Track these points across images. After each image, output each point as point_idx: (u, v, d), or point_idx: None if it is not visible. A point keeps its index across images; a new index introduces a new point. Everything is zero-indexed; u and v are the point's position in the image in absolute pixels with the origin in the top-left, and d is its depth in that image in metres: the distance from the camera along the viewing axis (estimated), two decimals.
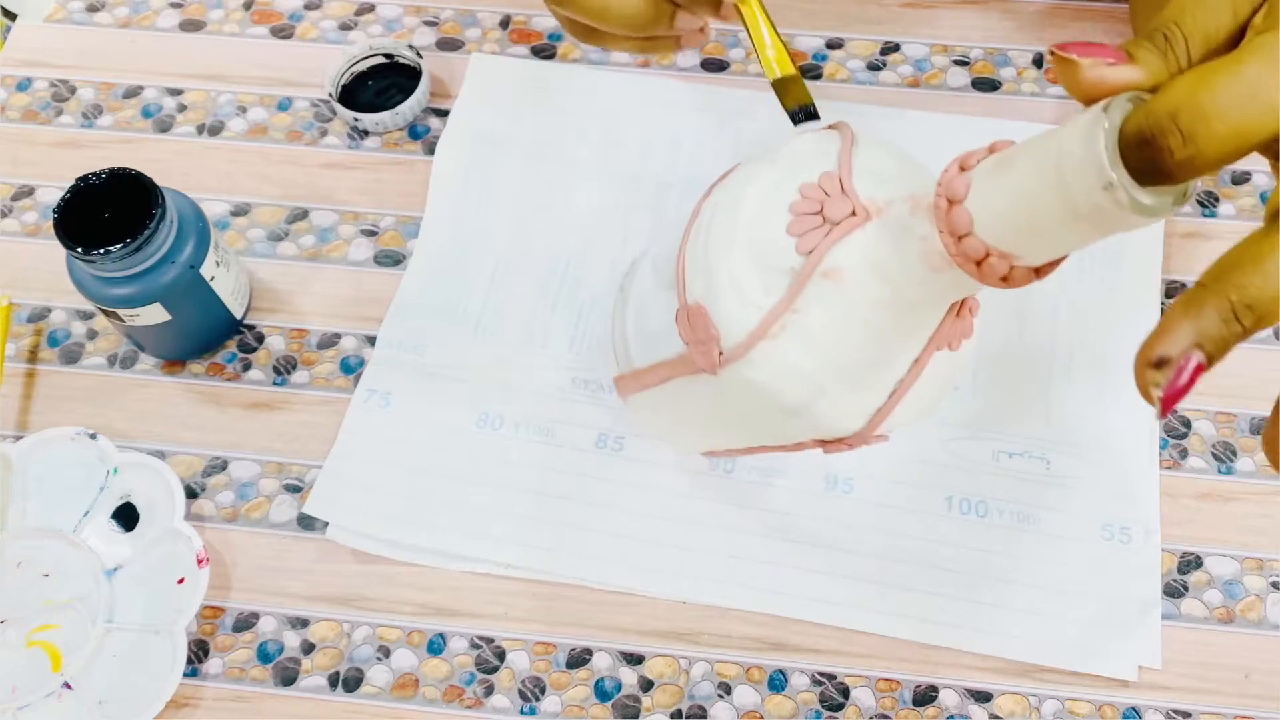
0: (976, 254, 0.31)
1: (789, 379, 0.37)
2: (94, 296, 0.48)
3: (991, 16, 0.62)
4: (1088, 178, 0.27)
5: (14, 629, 0.46)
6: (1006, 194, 0.30)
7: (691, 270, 0.39)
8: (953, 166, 0.32)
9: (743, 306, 0.37)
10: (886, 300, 0.35)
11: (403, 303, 0.54)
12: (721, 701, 0.46)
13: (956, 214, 0.31)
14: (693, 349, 0.39)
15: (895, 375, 0.37)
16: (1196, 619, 0.48)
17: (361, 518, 0.49)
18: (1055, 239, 0.29)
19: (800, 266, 0.36)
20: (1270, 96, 0.26)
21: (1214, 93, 0.25)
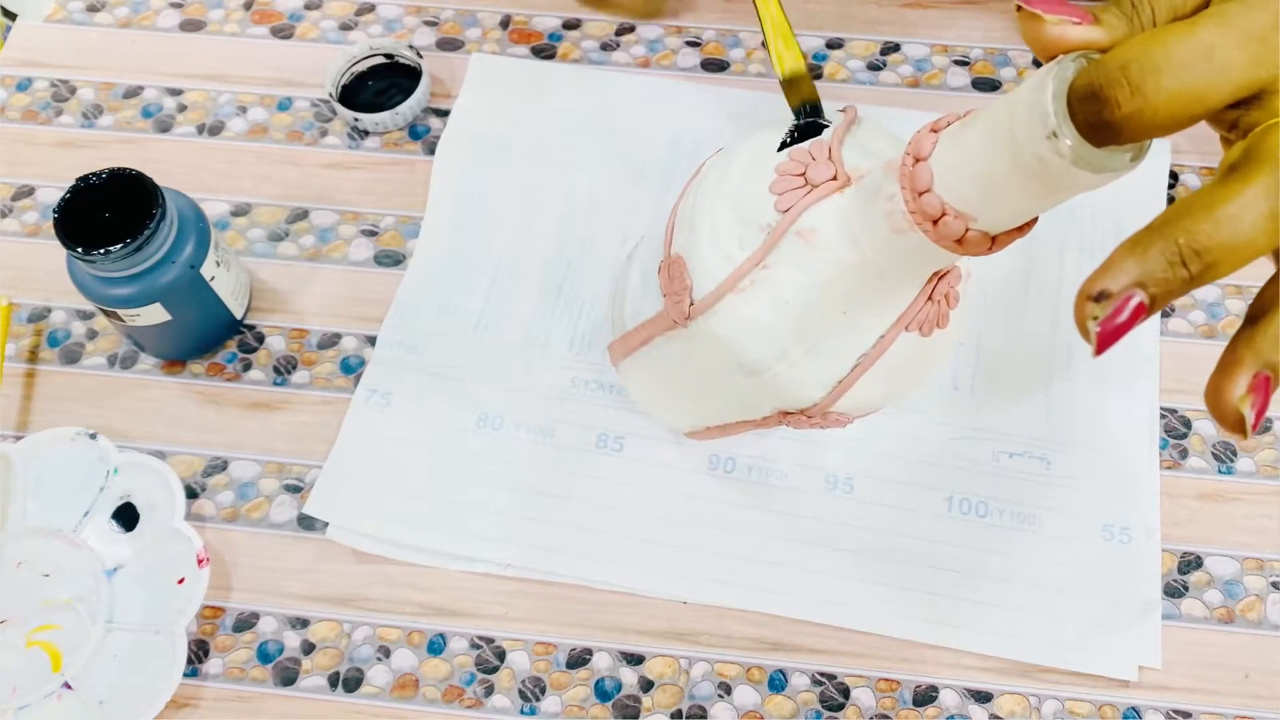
0: (934, 211, 0.31)
1: (752, 334, 0.37)
2: (94, 296, 0.48)
3: (991, 16, 0.62)
4: (1033, 125, 0.27)
5: (14, 629, 0.46)
6: (964, 149, 0.30)
7: (679, 223, 0.40)
8: (925, 127, 0.32)
9: (717, 258, 0.37)
10: (855, 265, 0.35)
11: (403, 303, 0.54)
12: (722, 701, 0.46)
13: (919, 170, 0.31)
14: (668, 301, 0.40)
15: (860, 349, 0.38)
16: (1197, 619, 0.48)
17: (362, 518, 0.49)
18: (1007, 198, 0.29)
19: (776, 223, 0.36)
20: (1224, 60, 0.26)
21: (1166, 48, 0.25)
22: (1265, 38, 0.26)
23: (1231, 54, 0.26)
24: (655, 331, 0.42)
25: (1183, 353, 0.53)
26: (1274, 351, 0.27)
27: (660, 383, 0.46)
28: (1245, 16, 0.26)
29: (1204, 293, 0.54)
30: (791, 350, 0.37)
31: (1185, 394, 0.52)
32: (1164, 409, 0.52)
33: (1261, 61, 0.26)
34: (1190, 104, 0.26)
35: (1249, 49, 0.26)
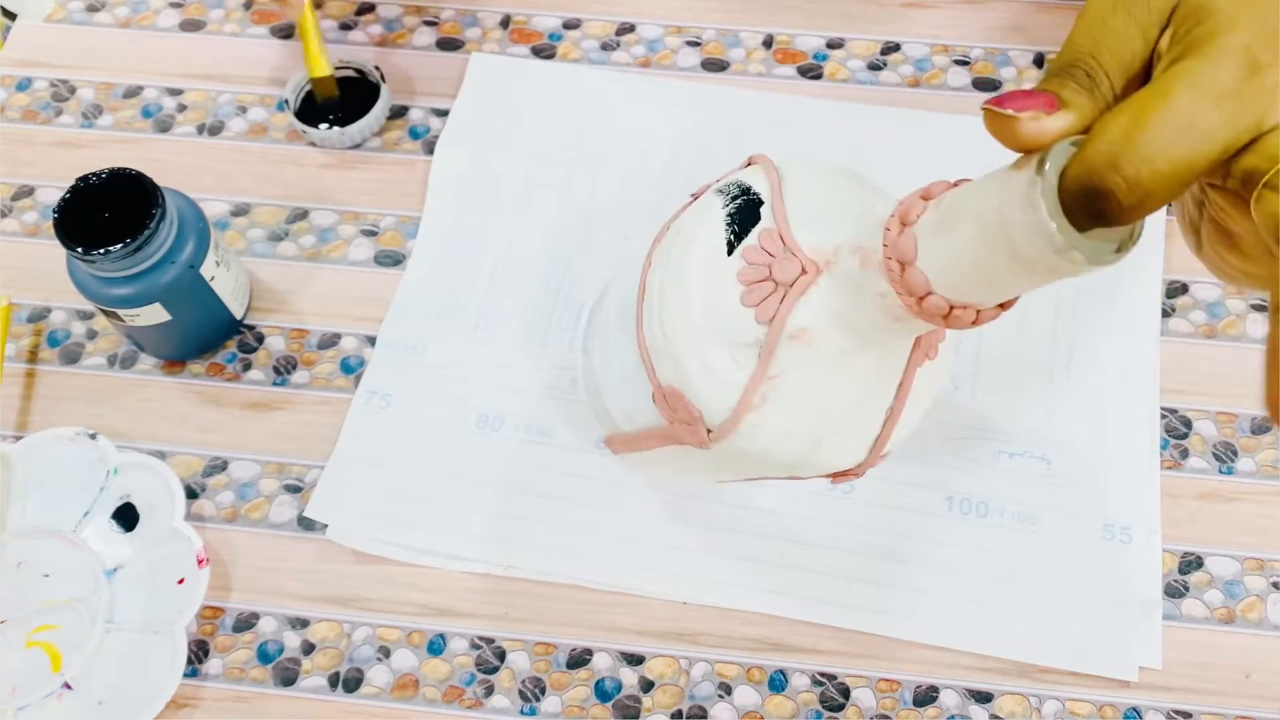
0: (940, 310, 0.31)
1: (783, 441, 0.37)
2: (94, 296, 0.48)
3: (991, 16, 0.62)
4: (1038, 242, 0.26)
5: (14, 629, 0.46)
6: (957, 256, 0.30)
7: (656, 353, 0.39)
8: (893, 223, 0.32)
9: (718, 385, 0.37)
10: (857, 346, 0.35)
11: (403, 303, 0.54)
12: (722, 702, 0.46)
13: (912, 276, 0.31)
14: (678, 428, 0.39)
15: (884, 404, 0.38)
16: (1197, 619, 0.48)
17: (362, 519, 0.49)
18: (1017, 287, 0.29)
19: (765, 336, 0.36)
20: (1206, 124, 0.25)
21: (1150, 133, 0.25)
22: (1238, 90, 0.26)
23: (1212, 118, 0.25)
24: (667, 442, 0.41)
25: (1183, 353, 0.53)
26: None
27: (681, 469, 0.45)
28: (1212, 73, 0.26)
29: (1204, 292, 0.54)
30: (824, 439, 0.37)
31: (1185, 394, 0.52)
32: (1164, 409, 0.51)
33: (1242, 115, 0.26)
34: (1184, 177, 0.25)
35: (1226, 106, 0.26)
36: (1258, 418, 0.51)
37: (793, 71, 0.60)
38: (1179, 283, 0.54)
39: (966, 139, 0.58)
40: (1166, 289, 0.54)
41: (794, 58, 0.61)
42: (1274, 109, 0.26)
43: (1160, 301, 0.54)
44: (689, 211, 0.39)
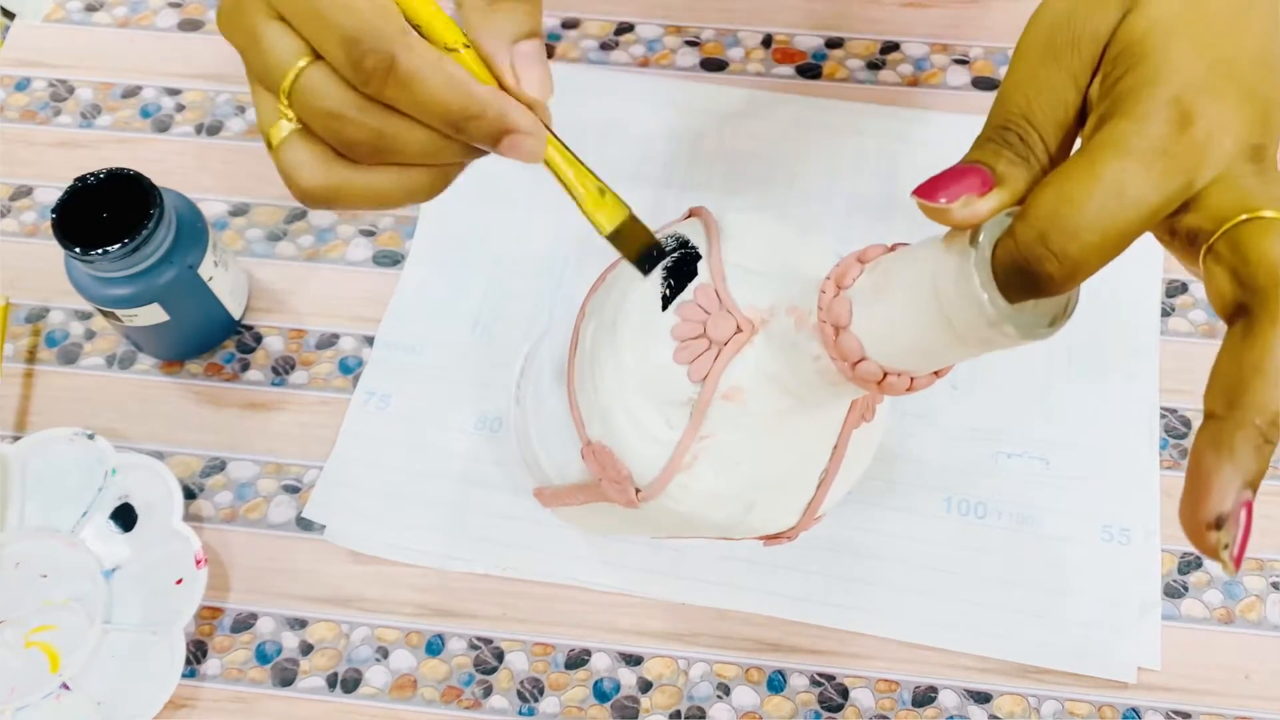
0: (874, 376, 0.31)
1: (714, 503, 0.37)
2: (92, 297, 0.48)
3: (992, 16, 0.62)
4: (970, 314, 0.26)
5: (12, 630, 0.46)
6: (891, 324, 0.29)
7: (585, 407, 0.38)
8: (829, 286, 0.31)
9: (648, 443, 0.36)
10: (791, 408, 0.35)
11: (401, 303, 0.54)
12: (720, 702, 0.46)
13: (845, 340, 0.31)
14: (606, 485, 0.38)
15: (819, 466, 0.37)
16: (1196, 619, 0.48)
17: (360, 519, 0.49)
18: (951, 356, 0.29)
19: (697, 395, 0.35)
20: (1136, 192, 0.25)
21: (1076, 206, 0.25)
22: (1168, 149, 0.25)
23: (1141, 183, 0.25)
24: (595, 499, 0.40)
25: (1183, 352, 0.53)
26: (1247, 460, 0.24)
27: (613, 527, 0.45)
28: (1140, 134, 0.25)
29: (1204, 292, 0.54)
30: (757, 501, 0.37)
31: (1185, 394, 0.52)
32: (1164, 409, 0.51)
33: (1173, 173, 0.25)
34: (1119, 243, 0.25)
35: (1156, 167, 0.25)
36: None
37: (792, 71, 0.60)
38: (1179, 282, 0.54)
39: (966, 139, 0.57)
40: (1166, 288, 0.54)
41: (793, 57, 0.61)
42: (1206, 163, 0.25)
43: (1160, 301, 0.54)
44: (625, 267, 0.38)
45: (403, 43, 0.29)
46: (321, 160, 0.31)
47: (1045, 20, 0.28)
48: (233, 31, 0.31)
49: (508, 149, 0.31)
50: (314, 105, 0.30)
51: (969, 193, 0.27)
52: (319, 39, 0.29)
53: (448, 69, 0.30)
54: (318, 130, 0.31)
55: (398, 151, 0.31)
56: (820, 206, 0.56)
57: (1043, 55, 0.28)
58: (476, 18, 0.31)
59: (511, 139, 0.31)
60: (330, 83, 0.30)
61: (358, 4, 0.29)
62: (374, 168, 0.32)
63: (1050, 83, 0.27)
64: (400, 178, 0.32)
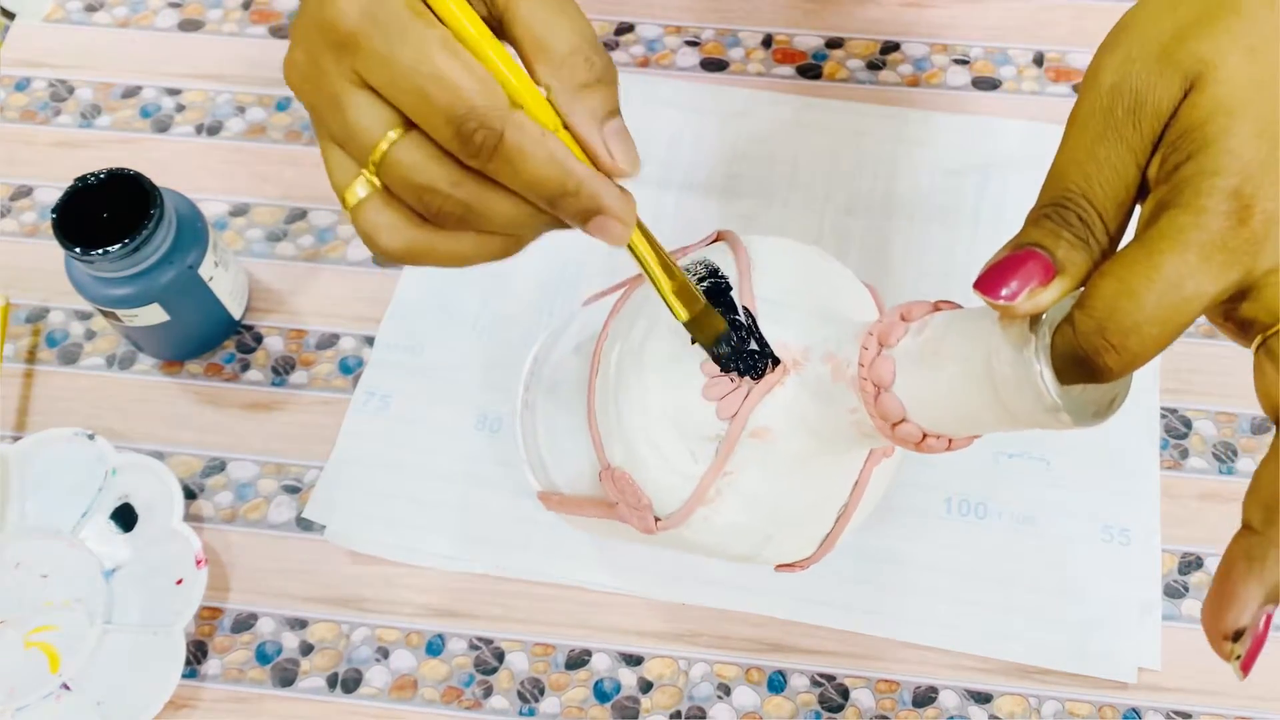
0: (914, 438, 0.31)
1: (733, 536, 0.37)
2: (92, 297, 0.48)
3: (991, 15, 0.62)
4: (1028, 400, 0.26)
5: (12, 630, 0.46)
6: (938, 392, 0.29)
7: (607, 432, 0.38)
8: (871, 342, 0.31)
9: (672, 475, 0.36)
10: (819, 449, 0.35)
11: (401, 303, 0.54)
12: (721, 703, 0.46)
13: (887, 401, 0.31)
14: (624, 510, 0.38)
15: (838, 502, 0.37)
16: (1197, 619, 0.47)
17: (360, 520, 0.49)
18: (997, 429, 0.29)
19: (725, 432, 0.35)
20: (1194, 286, 0.25)
21: (1136, 300, 0.25)
22: (1227, 243, 0.25)
23: (1200, 277, 0.25)
24: (608, 516, 0.40)
25: (1183, 353, 0.53)
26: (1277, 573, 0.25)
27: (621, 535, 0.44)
28: (1200, 227, 0.25)
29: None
30: (776, 534, 0.37)
31: (1185, 394, 0.52)
32: (1164, 409, 0.51)
33: (1231, 267, 0.25)
34: (1175, 334, 0.25)
35: (1215, 260, 0.25)
36: (1258, 418, 0.51)
37: (792, 71, 0.60)
38: None
39: (966, 139, 0.58)
40: None
41: (793, 57, 0.61)
42: (1263, 254, 0.25)
43: None
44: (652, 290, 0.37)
45: (513, 119, 0.29)
46: (404, 224, 0.32)
47: (1104, 88, 0.28)
48: (309, 91, 0.31)
49: (596, 229, 0.32)
50: (407, 178, 0.30)
51: (1031, 283, 0.26)
52: (421, 113, 0.30)
53: (551, 146, 0.30)
54: (407, 199, 0.31)
55: (486, 222, 0.32)
56: (820, 206, 0.56)
57: (1102, 130, 0.27)
58: (567, 99, 0.31)
59: (601, 220, 0.31)
60: (425, 156, 0.30)
61: (465, 80, 0.29)
62: (457, 234, 0.33)
63: (1110, 160, 0.27)
64: (480, 243, 0.33)
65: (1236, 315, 0.27)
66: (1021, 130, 0.57)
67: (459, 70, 0.29)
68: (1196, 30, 0.27)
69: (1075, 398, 0.26)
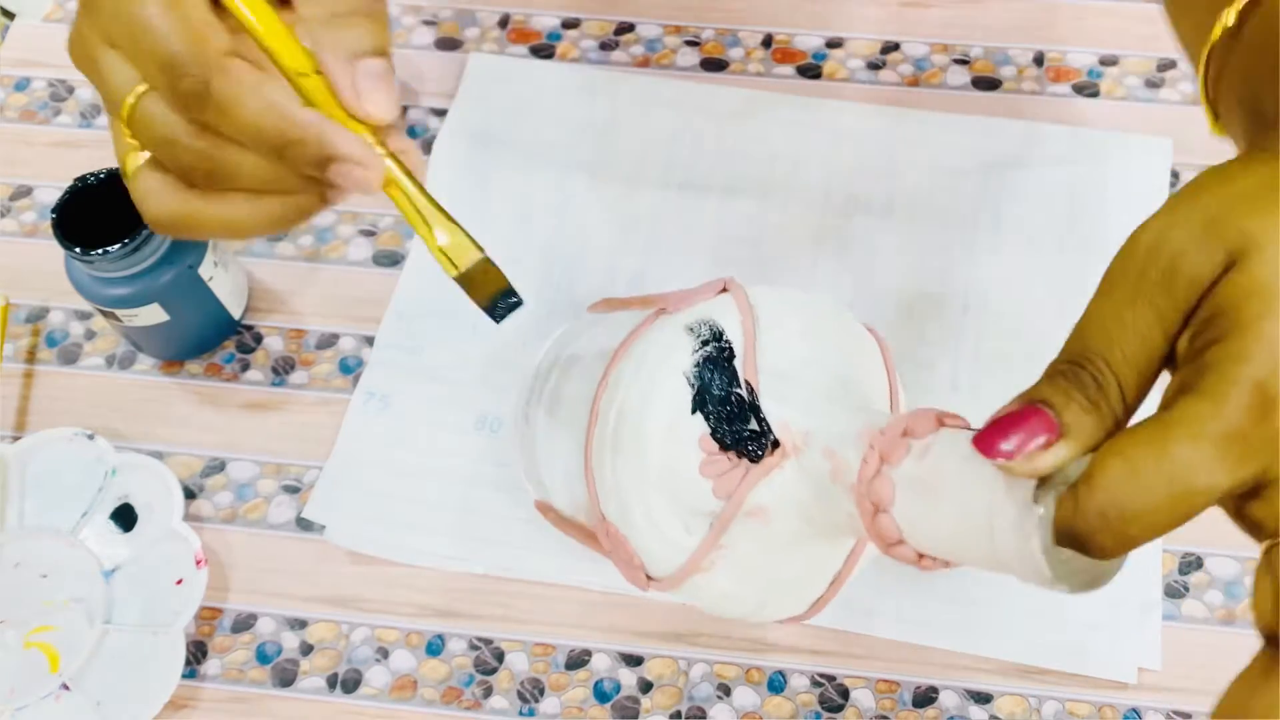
0: (909, 558, 0.30)
1: (724, 602, 0.37)
2: (92, 297, 0.48)
3: (991, 15, 0.62)
4: (1024, 566, 0.26)
5: (12, 630, 0.46)
6: (935, 528, 0.29)
7: (602, 487, 0.37)
8: (872, 458, 0.30)
9: (664, 544, 0.36)
10: (814, 533, 0.35)
11: (401, 303, 0.54)
12: (721, 703, 0.46)
13: (884, 522, 0.30)
14: (617, 563, 0.38)
15: (833, 569, 0.37)
16: (1197, 620, 0.48)
17: (360, 520, 0.49)
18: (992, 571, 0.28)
19: (720, 510, 0.35)
20: (1206, 480, 0.23)
21: (1143, 488, 0.23)
22: (1245, 438, 0.23)
23: (1214, 470, 0.23)
24: (599, 552, 0.40)
25: None
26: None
27: None
28: (1217, 418, 0.23)
29: None
30: (770, 601, 0.37)
31: None
32: None
33: (1246, 463, 0.23)
34: (1179, 522, 0.24)
35: (1230, 453, 0.23)
36: None
37: (792, 71, 0.60)
38: None
39: (966, 139, 0.58)
40: None
41: (793, 57, 0.61)
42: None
43: None
44: (654, 344, 0.37)
45: (218, 65, 0.28)
46: (171, 189, 0.31)
47: (1141, 248, 0.26)
48: (79, 60, 0.31)
49: (336, 177, 0.30)
50: (150, 133, 0.30)
51: (1032, 441, 0.25)
52: (141, 65, 0.29)
53: (266, 93, 0.29)
54: (158, 157, 0.31)
55: (234, 178, 0.30)
56: (820, 206, 0.56)
57: (1133, 292, 0.26)
58: (318, 33, 0.30)
59: (339, 168, 0.30)
60: (163, 109, 0.30)
61: (174, 29, 0.28)
62: (224, 197, 0.31)
63: (1136, 326, 0.25)
64: (251, 208, 0.32)
65: (1247, 513, 0.25)
66: (1021, 130, 0.57)
67: (169, 19, 0.28)
68: (1249, 205, 0.25)
69: (1067, 561, 0.26)
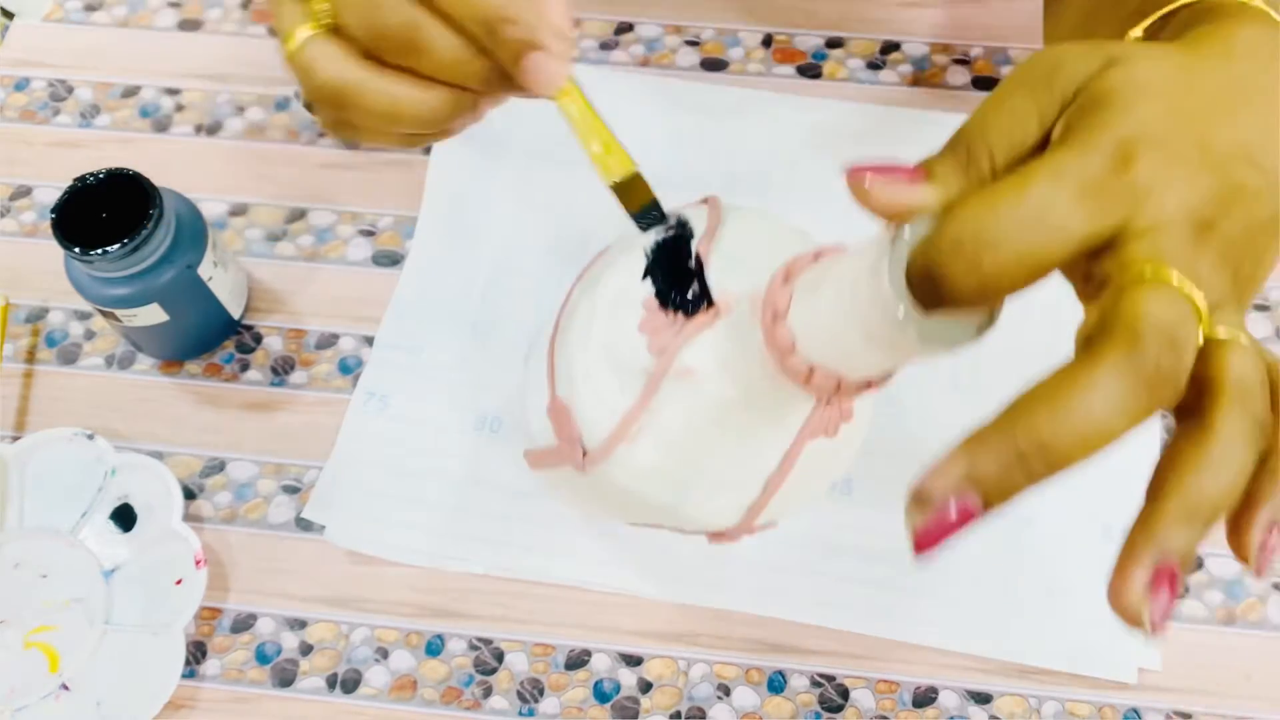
0: (801, 372, 0.30)
1: (651, 481, 0.37)
2: (92, 297, 0.48)
3: (992, 15, 0.62)
4: (878, 313, 0.26)
5: (12, 630, 0.46)
6: (817, 316, 0.29)
7: (560, 366, 0.38)
8: (779, 275, 0.31)
9: (600, 407, 0.36)
10: (742, 399, 0.35)
11: (401, 303, 0.54)
12: (721, 703, 0.46)
13: (779, 332, 0.30)
14: (561, 445, 0.38)
15: (766, 469, 0.37)
16: (1198, 620, 0.48)
17: (360, 520, 0.49)
18: (868, 362, 0.29)
19: (653, 366, 0.35)
20: (1061, 220, 0.23)
21: (997, 216, 0.23)
22: (1104, 186, 0.24)
23: (1068, 211, 0.24)
24: (559, 462, 0.41)
25: None
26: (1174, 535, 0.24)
27: (582, 499, 0.45)
28: (1079, 165, 0.24)
29: None
30: (695, 488, 0.37)
31: None
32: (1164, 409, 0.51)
33: (1104, 212, 0.24)
34: (1032, 269, 0.24)
35: (1087, 202, 0.24)
36: None
37: (792, 71, 0.60)
38: None
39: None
40: None
41: (793, 57, 0.61)
42: (1139, 212, 0.24)
43: None
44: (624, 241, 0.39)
45: None
46: (344, 57, 0.32)
47: (1033, 60, 0.28)
48: None
49: (530, 68, 0.31)
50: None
51: (898, 176, 0.26)
52: None
53: None
54: (354, 18, 0.31)
55: (425, 53, 0.31)
56: (820, 206, 0.56)
57: (1016, 86, 0.27)
58: None
59: (536, 58, 0.31)
60: None
61: None
62: (395, 75, 0.32)
63: (1015, 110, 0.27)
64: (418, 93, 0.32)
65: (1095, 271, 0.25)
66: None
67: None
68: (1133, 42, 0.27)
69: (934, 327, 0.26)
